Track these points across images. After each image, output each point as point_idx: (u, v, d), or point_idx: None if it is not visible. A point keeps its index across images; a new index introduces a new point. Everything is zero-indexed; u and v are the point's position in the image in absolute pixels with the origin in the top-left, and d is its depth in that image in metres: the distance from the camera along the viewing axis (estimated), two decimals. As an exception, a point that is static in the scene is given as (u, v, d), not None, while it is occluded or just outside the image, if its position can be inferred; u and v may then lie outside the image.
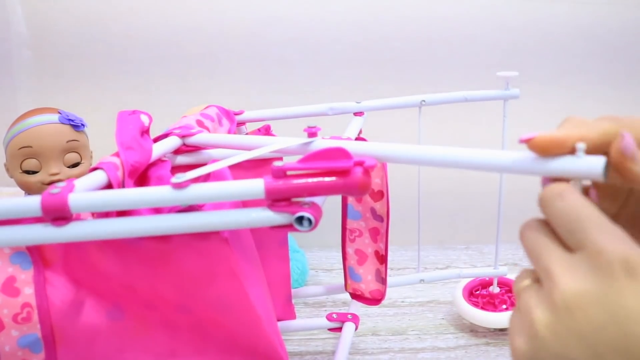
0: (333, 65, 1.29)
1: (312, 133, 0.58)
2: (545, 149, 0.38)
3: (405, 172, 0.77)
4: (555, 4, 1.31)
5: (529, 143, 0.38)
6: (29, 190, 0.83)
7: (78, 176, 0.82)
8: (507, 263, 1.22)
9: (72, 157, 0.83)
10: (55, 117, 0.82)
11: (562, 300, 0.32)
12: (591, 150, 0.37)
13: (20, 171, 0.81)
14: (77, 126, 0.83)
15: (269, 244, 0.80)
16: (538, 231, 0.37)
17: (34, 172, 0.81)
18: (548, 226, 0.36)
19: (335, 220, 0.80)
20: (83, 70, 1.25)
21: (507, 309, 0.93)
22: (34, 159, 0.80)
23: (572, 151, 0.37)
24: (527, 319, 0.35)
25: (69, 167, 0.83)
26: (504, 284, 0.98)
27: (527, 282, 0.36)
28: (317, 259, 1.28)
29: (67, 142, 0.82)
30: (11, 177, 0.83)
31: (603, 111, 0.41)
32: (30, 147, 0.80)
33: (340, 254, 0.84)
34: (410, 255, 1.29)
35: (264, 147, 0.51)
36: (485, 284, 1.00)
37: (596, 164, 0.36)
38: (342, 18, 1.27)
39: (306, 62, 1.28)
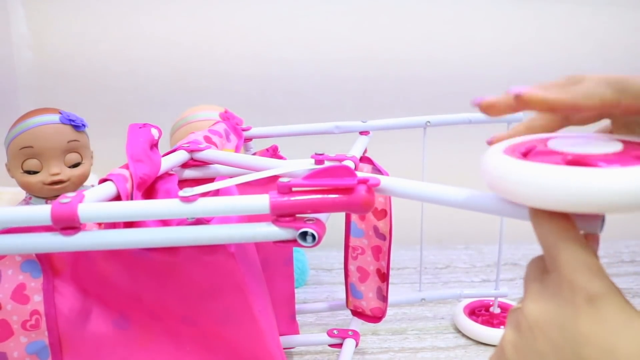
0: (340, 84, 1.31)
1: (319, 160, 0.59)
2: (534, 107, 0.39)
3: (406, 174, 0.77)
4: (558, 29, 1.33)
5: (519, 98, 0.39)
6: (30, 190, 0.84)
7: (79, 176, 0.84)
8: (506, 263, 1.23)
9: (73, 157, 0.84)
10: (56, 117, 0.82)
11: (526, 320, 0.35)
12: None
13: (22, 171, 0.82)
14: (77, 126, 0.84)
15: (275, 263, 0.81)
16: (533, 265, 0.39)
17: (35, 172, 0.82)
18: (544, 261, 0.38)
19: (335, 220, 0.81)
20: (84, 70, 1.26)
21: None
22: (35, 159, 0.81)
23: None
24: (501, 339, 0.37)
25: (69, 167, 0.84)
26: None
27: (518, 305, 0.38)
28: (317, 258, 1.29)
29: (68, 142, 0.83)
30: (12, 177, 0.84)
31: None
32: (31, 147, 0.80)
33: (340, 254, 0.85)
34: (411, 255, 1.31)
35: (272, 169, 0.52)
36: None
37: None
38: (351, 40, 1.29)
39: (314, 81, 1.30)
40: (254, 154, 0.86)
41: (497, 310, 0.97)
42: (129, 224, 0.49)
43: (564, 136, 0.41)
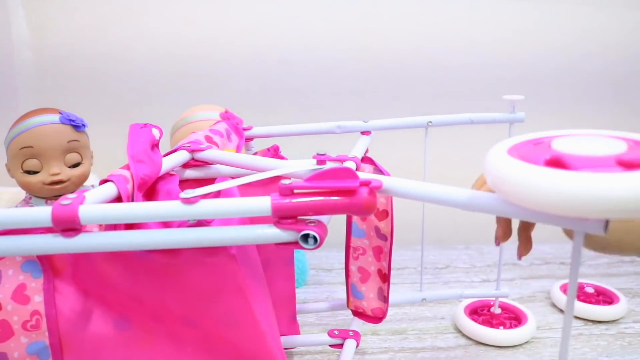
0: (342, 84, 1.31)
1: (321, 161, 0.59)
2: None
3: (408, 174, 0.78)
4: (558, 29, 1.33)
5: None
6: (30, 190, 0.84)
7: (79, 176, 0.84)
8: (506, 263, 1.24)
9: (73, 157, 0.84)
10: (56, 117, 0.82)
11: None
12: None
13: (22, 171, 0.82)
14: (77, 126, 0.84)
15: (276, 263, 0.81)
16: None
17: (35, 172, 0.82)
18: None
19: (335, 220, 0.81)
20: (84, 70, 1.26)
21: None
22: (35, 159, 0.81)
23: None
24: None
25: (69, 167, 0.84)
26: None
27: None
28: (317, 258, 1.29)
29: (68, 142, 0.83)
30: (12, 177, 0.84)
31: (603, 123, 0.43)
32: (31, 147, 0.80)
33: (340, 254, 0.85)
34: (410, 255, 1.31)
35: (273, 170, 0.52)
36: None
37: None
38: (352, 39, 1.29)
39: (315, 81, 1.30)
40: (255, 153, 0.86)
41: (498, 311, 0.96)
42: (130, 225, 0.48)
43: (572, 135, 0.41)
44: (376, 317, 0.84)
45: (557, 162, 0.36)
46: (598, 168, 0.34)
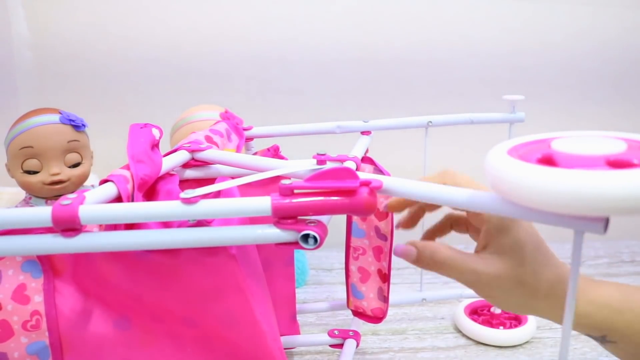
0: (342, 84, 1.31)
1: (321, 161, 0.59)
2: (394, 208, 0.57)
3: (408, 174, 0.78)
4: (558, 29, 1.33)
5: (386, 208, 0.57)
6: (30, 190, 0.84)
7: (79, 176, 0.84)
8: None
9: (73, 157, 0.83)
10: (56, 117, 0.82)
11: None
12: None
13: (22, 171, 0.81)
14: (78, 126, 0.84)
15: (276, 263, 0.81)
16: None
17: (35, 172, 0.81)
18: None
19: (335, 220, 0.81)
20: (84, 70, 1.26)
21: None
22: (35, 159, 0.81)
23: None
24: None
25: (69, 167, 0.83)
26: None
27: None
28: (317, 258, 1.29)
29: (68, 142, 0.82)
30: (12, 177, 0.84)
31: (603, 123, 0.43)
32: (31, 147, 0.80)
33: (340, 254, 0.85)
34: None
35: (274, 170, 0.52)
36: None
37: None
38: (352, 38, 1.29)
39: (315, 81, 1.30)
40: (255, 153, 0.86)
41: (498, 311, 0.96)
42: (130, 225, 0.48)
43: (572, 136, 0.41)
44: (376, 317, 0.84)
45: (548, 160, 0.36)
46: (586, 166, 0.35)
